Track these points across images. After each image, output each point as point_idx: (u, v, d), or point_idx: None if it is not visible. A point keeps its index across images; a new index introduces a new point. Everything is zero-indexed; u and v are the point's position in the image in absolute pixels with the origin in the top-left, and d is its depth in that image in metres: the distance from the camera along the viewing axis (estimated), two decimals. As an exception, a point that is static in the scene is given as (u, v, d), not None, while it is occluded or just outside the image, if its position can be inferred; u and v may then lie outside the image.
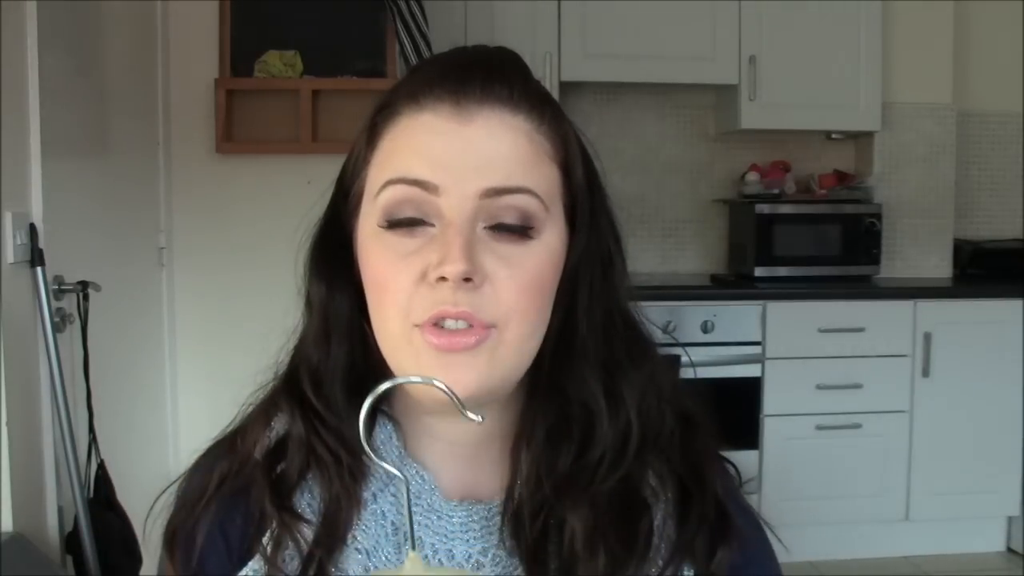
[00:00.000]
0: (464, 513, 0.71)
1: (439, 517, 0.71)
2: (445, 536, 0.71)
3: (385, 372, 0.70)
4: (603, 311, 0.74)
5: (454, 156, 0.67)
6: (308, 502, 0.72)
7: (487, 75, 0.69)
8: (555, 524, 0.69)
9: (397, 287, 0.67)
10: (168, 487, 0.76)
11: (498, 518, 0.71)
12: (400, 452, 0.73)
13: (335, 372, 0.73)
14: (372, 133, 0.72)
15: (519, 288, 0.67)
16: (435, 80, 0.69)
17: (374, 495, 0.72)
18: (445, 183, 0.66)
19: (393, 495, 0.72)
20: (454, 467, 0.74)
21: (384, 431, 0.74)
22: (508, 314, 0.67)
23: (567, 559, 0.68)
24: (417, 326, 0.66)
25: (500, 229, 0.67)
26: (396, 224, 0.68)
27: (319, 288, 0.74)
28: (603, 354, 0.73)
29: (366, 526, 0.71)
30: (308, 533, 0.70)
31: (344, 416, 0.72)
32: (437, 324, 0.66)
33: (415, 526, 0.70)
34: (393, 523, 0.71)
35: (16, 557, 1.91)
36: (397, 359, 0.69)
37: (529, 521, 0.70)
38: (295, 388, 0.74)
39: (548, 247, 0.69)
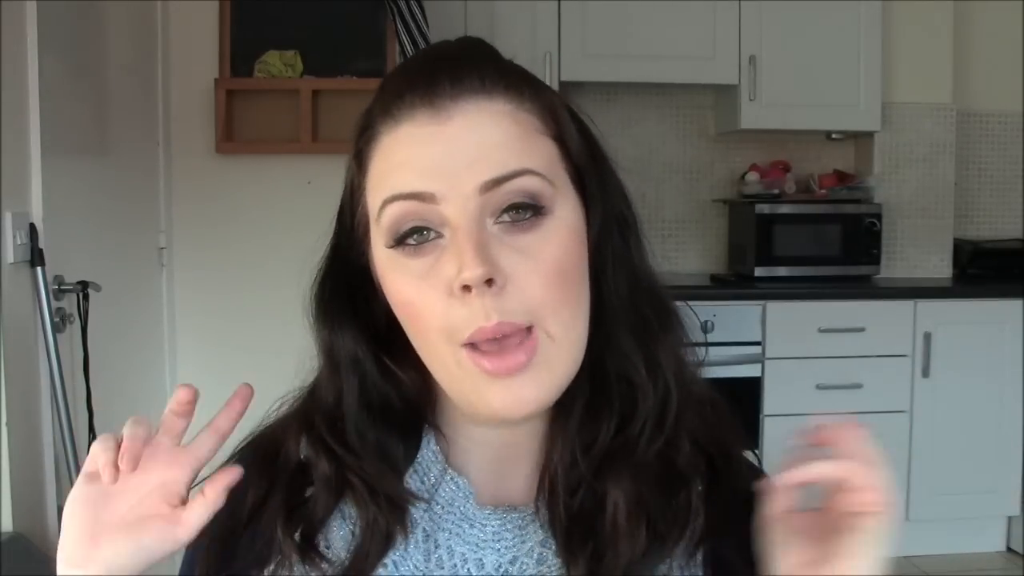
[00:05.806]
0: (498, 522, 0.70)
1: (471, 525, 0.70)
2: (476, 545, 0.70)
3: (428, 391, 0.72)
4: (628, 277, 0.72)
5: (442, 159, 0.64)
6: (339, 531, 0.71)
7: (454, 67, 0.67)
8: (596, 501, 0.68)
9: (431, 310, 0.65)
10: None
11: (531, 526, 0.70)
12: (442, 467, 0.72)
13: (349, 414, 0.71)
14: (360, 159, 0.69)
15: (544, 279, 0.64)
16: (404, 89, 0.67)
17: None
18: (441, 188, 0.64)
19: (427, 501, 0.71)
20: (492, 471, 0.73)
21: (428, 449, 0.73)
22: (539, 308, 0.64)
23: (609, 535, 0.67)
24: (464, 345, 0.64)
25: (511, 215, 0.65)
26: (402, 239, 0.66)
27: (324, 333, 0.72)
28: (634, 321, 0.71)
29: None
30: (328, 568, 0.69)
31: (369, 452, 0.71)
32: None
33: (446, 535, 0.71)
34: (424, 530, 0.70)
35: (16, 557, 1.91)
36: (455, 389, 0.67)
37: (566, 497, 0.68)
38: (314, 428, 0.72)
39: (565, 224, 0.66)
